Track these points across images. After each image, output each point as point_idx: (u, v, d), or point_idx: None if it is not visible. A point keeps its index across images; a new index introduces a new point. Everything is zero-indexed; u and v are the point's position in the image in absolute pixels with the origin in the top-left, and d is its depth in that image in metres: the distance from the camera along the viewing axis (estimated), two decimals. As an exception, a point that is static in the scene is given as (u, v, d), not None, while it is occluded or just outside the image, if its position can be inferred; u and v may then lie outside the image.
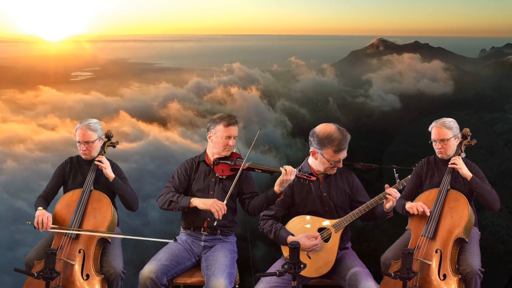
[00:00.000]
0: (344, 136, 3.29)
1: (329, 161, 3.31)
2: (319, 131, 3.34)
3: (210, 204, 3.22)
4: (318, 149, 3.33)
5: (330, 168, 3.36)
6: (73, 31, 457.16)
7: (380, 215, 3.35)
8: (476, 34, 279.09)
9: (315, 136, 3.34)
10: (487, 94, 39.00)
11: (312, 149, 3.38)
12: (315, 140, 3.34)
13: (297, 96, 41.38)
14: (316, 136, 3.33)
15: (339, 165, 3.36)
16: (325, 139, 3.29)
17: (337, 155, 3.29)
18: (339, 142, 3.27)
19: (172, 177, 3.51)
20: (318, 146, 3.32)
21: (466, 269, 3.09)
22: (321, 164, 3.37)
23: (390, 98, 40.37)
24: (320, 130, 3.34)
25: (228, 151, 3.46)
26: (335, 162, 3.32)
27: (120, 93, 37.91)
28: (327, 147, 3.28)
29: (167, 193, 3.37)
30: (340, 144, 3.27)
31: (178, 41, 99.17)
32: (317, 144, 3.33)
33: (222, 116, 3.46)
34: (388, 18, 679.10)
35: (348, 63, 55.85)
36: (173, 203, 3.32)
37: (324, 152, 3.30)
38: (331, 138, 3.28)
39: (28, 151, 24.74)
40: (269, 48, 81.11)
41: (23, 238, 3.81)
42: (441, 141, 3.43)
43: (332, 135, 3.29)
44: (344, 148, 3.30)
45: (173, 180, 3.48)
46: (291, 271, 2.63)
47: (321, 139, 3.30)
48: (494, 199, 3.35)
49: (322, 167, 3.37)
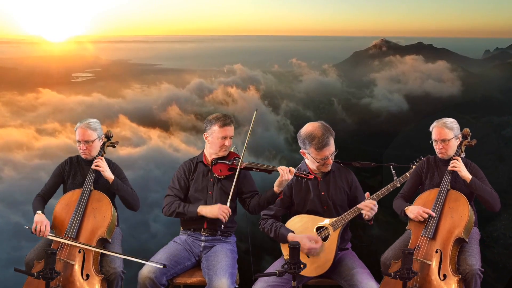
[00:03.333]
0: (324, 133, 3.27)
1: (316, 159, 3.32)
2: (302, 131, 3.37)
3: (217, 212, 3.27)
4: (304, 149, 3.37)
5: (321, 166, 3.36)
6: (76, 31, 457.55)
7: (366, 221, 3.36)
8: (480, 35, 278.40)
9: (300, 137, 3.38)
10: (494, 97, 38.32)
11: (301, 150, 3.42)
12: (300, 140, 3.39)
13: (301, 97, 41.27)
14: (300, 136, 3.37)
15: (329, 162, 3.35)
16: (306, 138, 3.32)
17: (320, 152, 3.28)
18: (318, 140, 3.26)
19: (172, 182, 3.52)
20: (303, 146, 3.37)
21: (466, 269, 3.09)
22: (312, 163, 3.39)
23: (396, 99, 40.14)
24: (303, 130, 3.37)
25: (225, 152, 3.46)
26: (322, 159, 3.32)
27: (121, 95, 37.88)
28: (309, 146, 3.31)
29: (172, 203, 3.40)
30: (320, 142, 3.26)
31: (179, 42, 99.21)
32: (302, 144, 3.37)
33: (217, 116, 3.46)
34: (390, 19, 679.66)
35: (350, 64, 55.75)
36: (181, 214, 3.38)
37: (309, 151, 3.33)
38: (311, 136, 3.29)
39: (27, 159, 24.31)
40: (271, 49, 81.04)
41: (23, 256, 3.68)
42: (442, 142, 3.42)
43: (312, 133, 3.30)
44: (326, 145, 3.27)
45: (173, 187, 3.49)
46: (291, 271, 2.63)
47: (303, 139, 3.34)
48: (494, 200, 3.34)
49: (314, 165, 3.38)
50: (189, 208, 3.36)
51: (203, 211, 3.33)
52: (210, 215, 3.31)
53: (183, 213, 3.36)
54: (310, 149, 3.31)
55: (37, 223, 3.24)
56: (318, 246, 3.25)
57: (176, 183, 3.50)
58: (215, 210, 3.29)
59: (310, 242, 3.25)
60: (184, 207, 3.37)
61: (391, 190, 3.43)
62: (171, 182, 3.54)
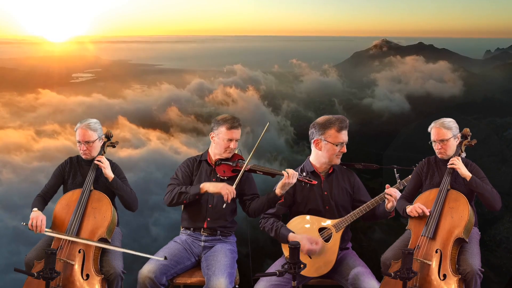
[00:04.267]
0: (343, 118, 3.40)
1: (334, 143, 3.35)
2: (319, 119, 3.46)
3: (221, 187, 3.27)
4: (321, 135, 3.39)
5: (335, 156, 3.38)
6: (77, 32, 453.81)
7: (382, 215, 3.36)
8: (480, 35, 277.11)
9: (316, 125, 3.43)
10: (496, 98, 37.96)
11: (315, 139, 3.42)
12: (316, 128, 3.42)
13: (301, 97, 41.19)
14: (317, 124, 3.43)
15: (343, 150, 3.40)
16: (325, 122, 3.39)
17: (340, 135, 3.35)
18: (339, 122, 3.37)
19: (176, 174, 3.52)
20: (320, 132, 3.39)
21: (466, 269, 3.08)
22: (325, 153, 3.39)
23: (397, 99, 40.01)
24: (320, 118, 3.47)
25: (229, 153, 3.46)
26: (340, 144, 3.36)
27: (122, 95, 37.83)
28: (329, 128, 3.37)
29: (173, 188, 3.40)
30: (341, 123, 3.37)
31: (180, 42, 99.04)
32: (318, 130, 3.40)
33: (226, 118, 3.46)
34: (391, 20, 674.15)
35: (351, 64, 55.65)
36: (183, 194, 3.35)
37: (327, 136, 3.36)
38: (330, 120, 3.39)
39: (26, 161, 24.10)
40: (272, 49, 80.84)
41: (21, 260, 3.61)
42: (440, 142, 3.42)
43: (331, 118, 3.41)
44: (346, 127, 3.39)
45: (176, 178, 3.49)
46: (291, 271, 2.63)
47: (321, 124, 3.39)
48: (495, 198, 3.34)
49: (327, 155, 3.39)
50: (191, 187, 3.37)
51: (206, 186, 3.33)
52: (214, 189, 3.30)
53: (185, 192, 3.35)
54: (329, 131, 3.36)
55: (33, 219, 3.24)
56: (318, 248, 3.25)
57: (179, 176, 3.50)
58: (219, 186, 3.29)
59: (310, 243, 3.25)
60: (187, 187, 3.37)
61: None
62: (174, 174, 3.54)
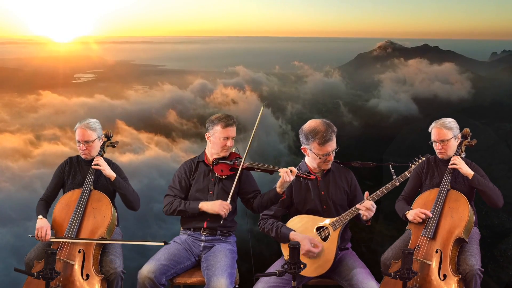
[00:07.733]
0: (327, 129, 3.29)
1: (318, 155, 3.32)
2: (305, 127, 3.39)
3: (218, 208, 3.31)
4: (306, 145, 3.37)
5: (322, 163, 3.36)
6: (81, 32, 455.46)
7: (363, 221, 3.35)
8: (486, 36, 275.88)
9: (302, 133, 3.39)
10: (504, 102, 37.31)
11: (302, 146, 3.42)
12: (302, 136, 3.39)
13: (306, 98, 41.18)
14: (302, 132, 3.38)
15: (330, 159, 3.35)
16: (309, 133, 3.33)
17: (323, 148, 3.29)
18: (322, 134, 3.28)
19: (173, 181, 3.53)
20: (305, 142, 3.37)
21: (466, 269, 3.08)
22: (313, 160, 3.39)
23: (403, 100, 39.89)
24: (306, 126, 3.39)
25: (227, 152, 3.46)
26: (324, 155, 3.32)
27: (124, 96, 37.86)
28: (312, 141, 3.31)
29: (172, 201, 3.42)
30: (323, 136, 3.27)
31: (183, 43, 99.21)
32: (304, 139, 3.37)
33: (220, 117, 3.46)
34: (395, 21, 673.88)
35: (355, 66, 55.57)
36: (182, 212, 3.40)
37: (312, 147, 3.33)
38: (314, 131, 3.31)
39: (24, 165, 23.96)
40: (275, 50, 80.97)
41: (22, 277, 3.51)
42: (441, 142, 3.42)
43: (315, 128, 3.32)
44: (329, 140, 3.28)
45: (174, 186, 3.50)
46: (291, 271, 2.62)
47: (306, 134, 3.35)
48: (497, 196, 3.34)
49: (315, 162, 3.38)
50: (190, 205, 3.39)
51: (204, 207, 3.36)
52: (211, 210, 3.33)
53: (185, 210, 3.38)
54: (312, 144, 3.31)
55: (38, 230, 3.30)
56: (317, 250, 3.23)
57: (176, 183, 3.51)
58: (216, 206, 3.32)
59: (311, 245, 3.24)
60: (185, 205, 3.39)
61: (390, 190, 3.41)
62: (171, 181, 3.55)
